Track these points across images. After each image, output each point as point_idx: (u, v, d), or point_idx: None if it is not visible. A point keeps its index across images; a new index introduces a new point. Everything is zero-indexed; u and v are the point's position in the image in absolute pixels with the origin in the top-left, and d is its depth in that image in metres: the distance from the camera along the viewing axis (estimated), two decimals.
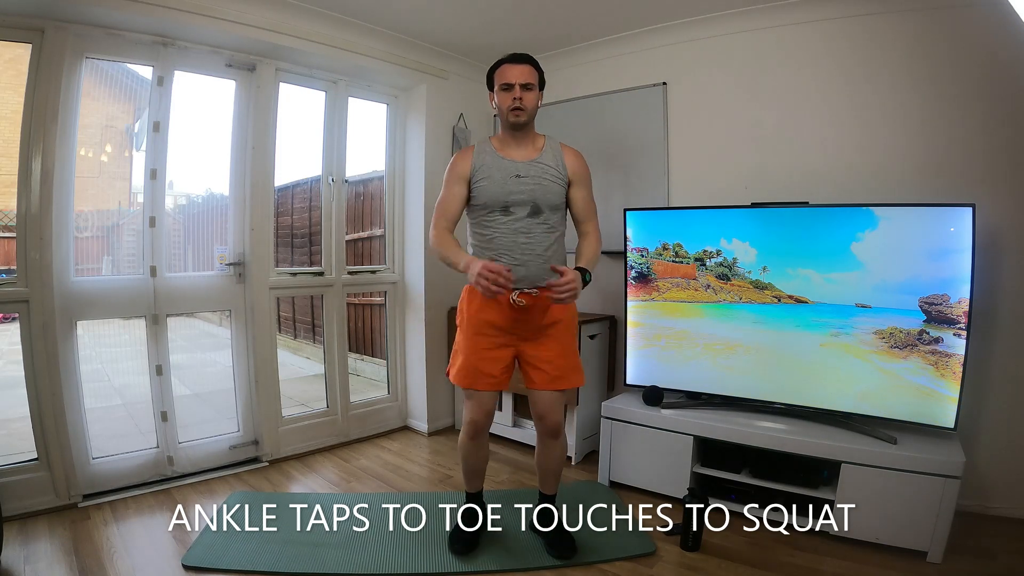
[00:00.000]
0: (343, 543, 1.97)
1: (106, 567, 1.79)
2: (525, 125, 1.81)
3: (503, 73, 1.81)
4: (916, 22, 2.22)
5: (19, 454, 2.17)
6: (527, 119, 1.80)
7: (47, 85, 2.10)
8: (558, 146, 1.89)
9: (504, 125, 1.84)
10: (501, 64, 1.83)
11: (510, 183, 1.79)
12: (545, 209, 1.81)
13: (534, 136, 1.87)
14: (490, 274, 1.56)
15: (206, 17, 2.27)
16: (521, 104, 1.77)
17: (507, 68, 1.81)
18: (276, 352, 2.83)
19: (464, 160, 1.85)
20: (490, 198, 1.79)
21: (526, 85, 1.79)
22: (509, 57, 1.83)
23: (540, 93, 1.85)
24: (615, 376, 2.98)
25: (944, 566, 1.84)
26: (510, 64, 1.81)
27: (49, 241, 2.13)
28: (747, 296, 2.36)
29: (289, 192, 3.71)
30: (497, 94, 1.83)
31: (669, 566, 1.88)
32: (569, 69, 3.15)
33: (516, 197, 1.79)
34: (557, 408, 1.89)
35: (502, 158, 1.82)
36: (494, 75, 1.84)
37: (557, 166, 1.84)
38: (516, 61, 1.81)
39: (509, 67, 1.81)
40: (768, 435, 2.15)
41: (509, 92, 1.78)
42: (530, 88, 1.80)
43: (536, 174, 1.80)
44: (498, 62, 1.85)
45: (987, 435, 2.18)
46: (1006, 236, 2.11)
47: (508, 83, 1.78)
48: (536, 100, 1.83)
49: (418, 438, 3.19)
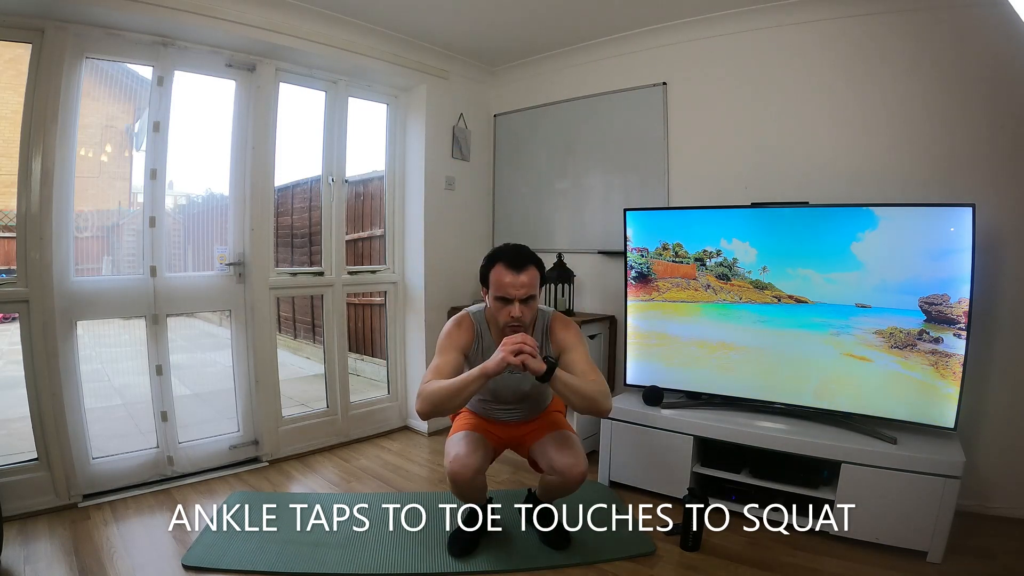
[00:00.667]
0: (343, 543, 1.97)
1: (106, 567, 1.79)
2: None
3: (500, 282, 1.61)
4: (916, 22, 2.22)
5: (19, 454, 2.17)
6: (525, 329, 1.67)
7: (47, 85, 2.10)
8: (548, 323, 1.78)
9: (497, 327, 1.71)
10: (497, 264, 1.64)
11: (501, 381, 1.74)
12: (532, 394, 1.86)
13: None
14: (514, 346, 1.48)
15: (206, 17, 2.27)
16: (519, 322, 1.62)
17: (505, 276, 1.61)
18: (276, 352, 2.83)
19: (465, 334, 1.75)
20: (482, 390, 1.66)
21: (527, 299, 1.62)
22: (509, 258, 1.63)
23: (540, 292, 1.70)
24: (615, 376, 2.98)
25: (944, 566, 1.84)
26: (509, 271, 1.61)
27: (49, 241, 2.13)
28: (747, 296, 2.36)
29: (289, 192, 3.71)
30: (492, 300, 1.66)
31: (669, 566, 1.87)
32: (569, 69, 3.15)
33: (505, 393, 1.83)
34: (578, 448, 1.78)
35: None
36: (489, 276, 1.66)
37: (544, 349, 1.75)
38: (517, 268, 1.60)
39: (508, 275, 1.61)
40: (768, 435, 2.15)
41: (507, 306, 1.62)
42: (531, 300, 1.63)
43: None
44: (494, 259, 1.65)
45: (987, 435, 2.18)
46: (1006, 236, 2.11)
47: (506, 297, 1.61)
48: (536, 309, 1.68)
49: (418, 438, 3.19)
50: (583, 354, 1.71)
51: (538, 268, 1.68)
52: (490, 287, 1.67)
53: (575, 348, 1.72)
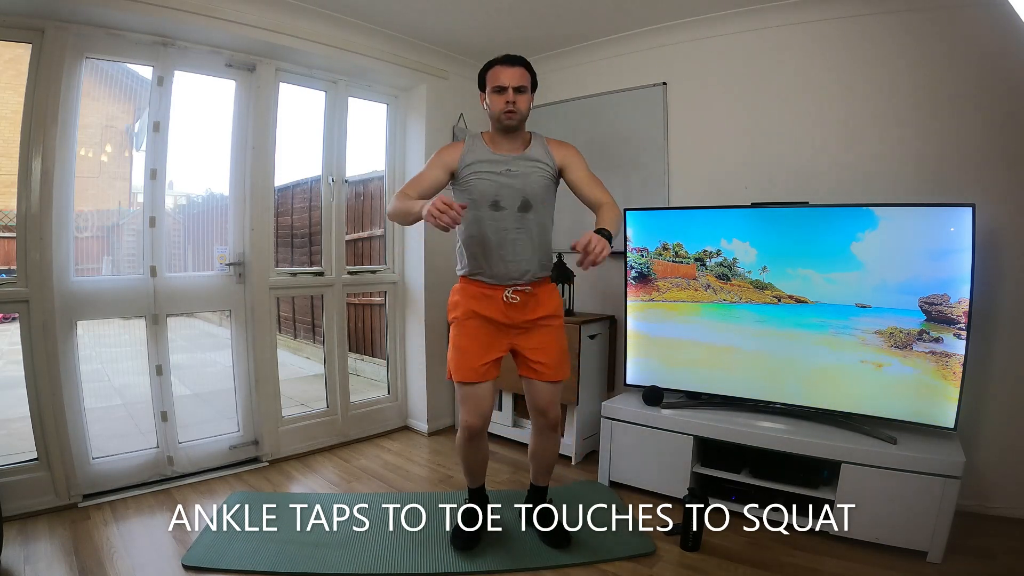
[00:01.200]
0: (343, 543, 1.97)
1: (106, 567, 1.79)
2: (517, 127, 1.82)
3: (496, 75, 1.80)
4: (916, 22, 2.22)
5: (19, 454, 2.17)
6: (519, 122, 1.81)
7: (47, 85, 2.10)
8: (544, 140, 1.90)
9: (495, 126, 1.85)
10: (493, 65, 1.82)
11: (501, 178, 1.80)
12: (535, 203, 1.82)
13: (523, 134, 1.88)
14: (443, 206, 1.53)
15: (206, 17, 2.27)
16: (514, 107, 1.77)
17: (500, 70, 1.79)
18: (276, 352, 2.83)
19: (453, 151, 1.87)
20: (481, 193, 1.79)
21: (519, 88, 1.78)
22: (502, 59, 1.81)
23: (532, 95, 1.85)
24: (615, 376, 2.98)
25: (944, 566, 1.84)
26: (503, 66, 1.80)
27: (49, 241, 2.13)
28: (747, 296, 2.36)
29: (289, 192, 3.71)
30: (489, 96, 1.81)
31: (669, 566, 1.87)
32: (569, 69, 3.15)
33: (507, 190, 1.80)
34: (557, 400, 1.92)
35: (492, 152, 1.83)
36: (486, 76, 1.83)
37: (545, 157, 1.85)
38: (509, 63, 1.80)
39: (502, 69, 1.79)
40: (768, 435, 2.15)
41: (502, 95, 1.77)
42: (523, 91, 1.80)
43: (525, 168, 1.81)
44: (490, 63, 1.83)
45: (987, 435, 2.18)
46: (1006, 236, 2.11)
47: (501, 86, 1.78)
48: (529, 102, 1.83)
49: (418, 438, 3.19)
50: (587, 169, 1.89)
51: (529, 70, 1.83)
52: (487, 86, 1.82)
53: (579, 165, 1.88)
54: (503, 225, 1.80)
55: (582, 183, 1.85)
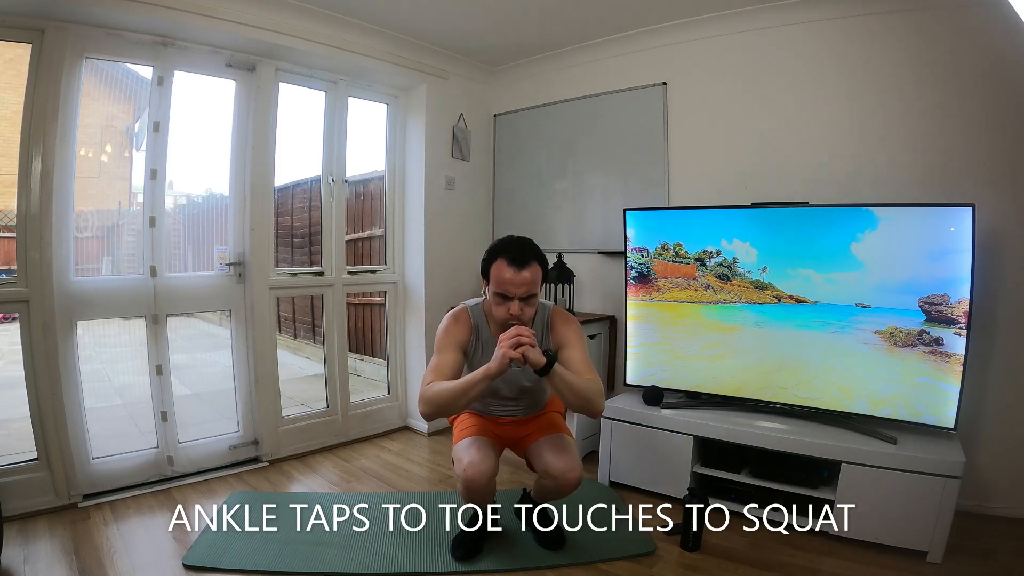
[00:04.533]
0: (343, 543, 1.97)
1: (106, 567, 1.79)
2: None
3: (500, 279, 1.58)
4: (916, 22, 2.22)
5: (19, 454, 2.17)
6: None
7: (47, 85, 2.10)
8: (549, 316, 1.76)
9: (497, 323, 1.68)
10: (499, 259, 1.59)
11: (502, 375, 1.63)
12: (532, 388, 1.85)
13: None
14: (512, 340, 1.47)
15: (206, 17, 2.27)
16: (519, 320, 1.59)
17: (506, 273, 1.57)
18: (276, 352, 2.83)
19: (462, 329, 1.73)
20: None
21: (527, 298, 1.59)
22: (512, 254, 1.58)
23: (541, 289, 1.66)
24: (615, 376, 2.98)
25: (944, 566, 1.84)
26: (512, 268, 1.57)
27: (49, 241, 2.13)
28: (747, 296, 2.36)
29: (289, 192, 3.71)
30: (491, 295, 1.63)
31: (669, 566, 1.87)
32: (569, 69, 3.15)
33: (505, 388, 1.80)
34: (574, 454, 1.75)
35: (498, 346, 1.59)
36: (490, 270, 1.62)
37: (543, 342, 1.73)
38: (519, 265, 1.56)
39: (509, 272, 1.57)
40: (768, 435, 2.15)
41: (506, 303, 1.59)
42: (532, 299, 1.60)
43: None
44: (497, 252, 1.61)
45: (987, 435, 2.18)
46: (1006, 236, 2.11)
47: (507, 295, 1.58)
48: (536, 307, 1.65)
49: (418, 438, 3.19)
50: (582, 352, 1.71)
51: (541, 265, 1.64)
52: (491, 282, 1.63)
53: (574, 345, 1.71)
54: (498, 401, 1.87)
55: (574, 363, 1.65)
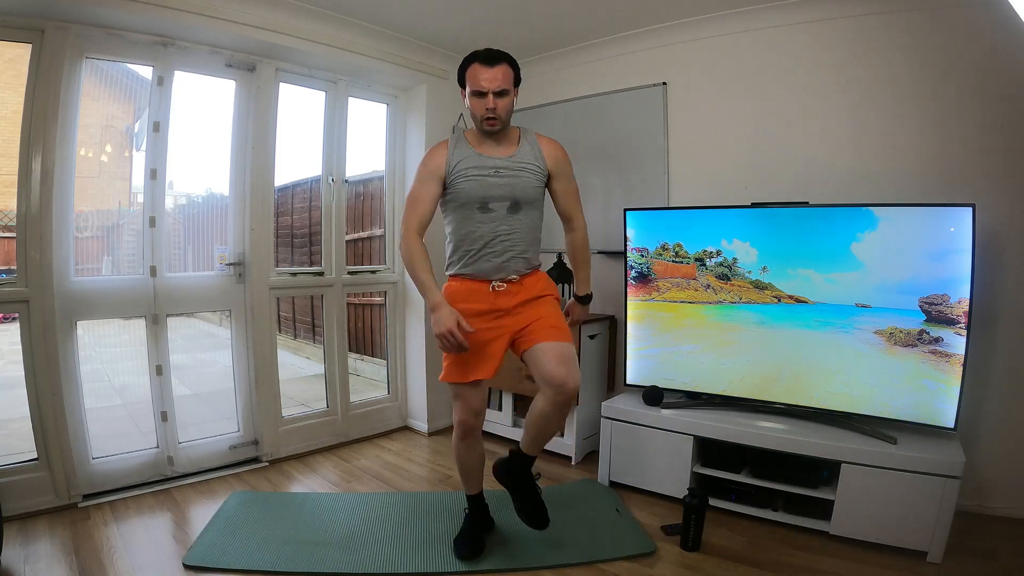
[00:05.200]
0: (343, 543, 1.97)
1: (106, 567, 1.79)
2: (500, 131, 1.74)
3: (475, 77, 1.67)
4: (916, 22, 2.22)
5: (19, 454, 2.17)
6: (501, 127, 1.72)
7: (47, 85, 2.10)
8: (534, 138, 1.81)
9: (478, 128, 1.76)
10: (472, 62, 1.69)
11: (489, 180, 1.72)
12: (524, 204, 1.76)
13: (511, 133, 1.80)
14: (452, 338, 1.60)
15: (206, 17, 2.27)
16: (495, 114, 1.67)
17: (478, 71, 1.67)
18: (276, 352, 2.83)
19: (438, 156, 1.76)
20: (468, 197, 1.73)
21: (500, 92, 1.67)
22: (483, 55, 1.68)
23: (516, 91, 1.73)
24: (615, 376, 2.98)
25: (944, 566, 1.84)
26: (482, 65, 1.67)
27: (49, 241, 2.13)
28: (747, 296, 2.36)
29: (289, 192, 3.71)
30: (469, 97, 1.71)
31: (669, 566, 1.87)
32: (569, 69, 3.15)
33: (496, 192, 1.73)
34: (573, 364, 1.71)
35: (479, 155, 1.74)
36: (465, 74, 1.71)
37: (536, 160, 1.78)
38: (489, 63, 1.67)
39: (481, 69, 1.67)
40: (768, 435, 2.15)
41: (482, 100, 1.67)
42: (504, 94, 1.68)
43: (515, 170, 1.74)
44: (469, 59, 1.70)
45: (987, 435, 2.18)
46: (1006, 236, 2.11)
47: (480, 91, 1.66)
48: (511, 104, 1.72)
49: (418, 438, 3.19)
50: (571, 184, 1.86)
51: (511, 66, 1.70)
52: (467, 85, 1.71)
53: (565, 176, 1.84)
54: (492, 226, 1.75)
55: (562, 196, 1.84)
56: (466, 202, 1.74)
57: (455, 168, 1.74)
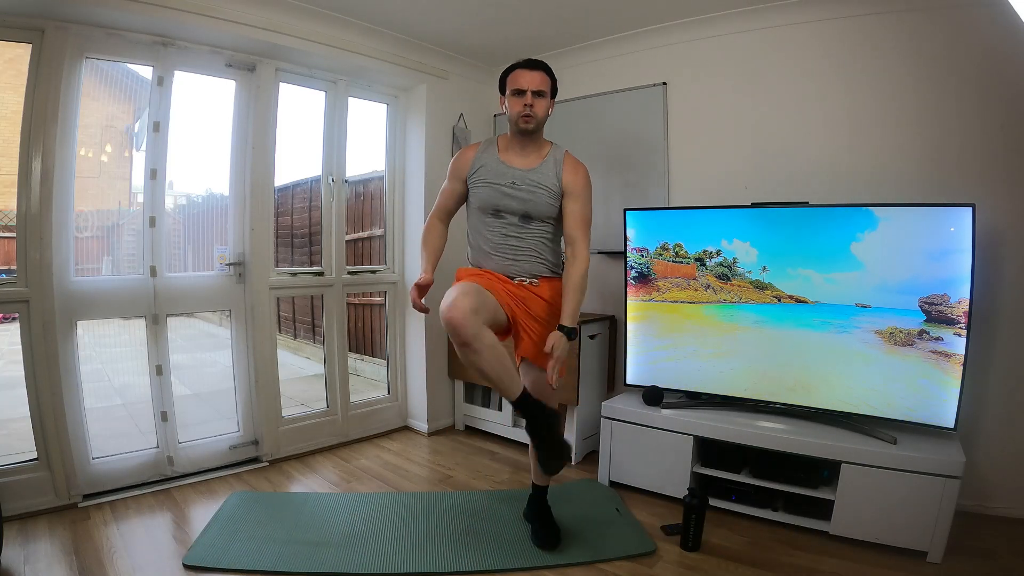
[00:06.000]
0: (343, 543, 1.97)
1: (106, 567, 1.79)
2: (534, 132, 1.83)
3: (516, 78, 1.81)
4: (916, 22, 2.22)
5: (19, 454, 2.17)
6: (536, 127, 1.82)
7: (47, 85, 2.10)
8: (561, 157, 1.86)
9: (513, 130, 1.85)
10: (515, 69, 1.83)
11: (504, 190, 1.82)
12: (537, 218, 1.83)
13: (541, 143, 1.88)
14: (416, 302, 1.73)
15: (206, 17, 2.27)
16: (531, 111, 1.78)
17: (520, 74, 1.81)
18: (276, 352, 2.83)
19: (465, 159, 1.90)
20: (483, 202, 1.85)
21: (538, 92, 1.79)
22: (524, 62, 1.83)
23: (552, 101, 1.85)
24: (615, 376, 2.98)
25: (944, 566, 1.84)
26: (524, 70, 1.81)
27: (49, 241, 2.13)
28: (747, 296, 2.36)
29: (289, 192, 3.71)
30: (508, 98, 1.83)
31: (669, 566, 1.87)
32: (569, 69, 3.15)
33: (507, 204, 1.83)
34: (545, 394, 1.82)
35: (502, 163, 1.85)
36: (506, 79, 1.84)
37: (553, 180, 1.83)
38: (530, 67, 1.81)
39: (522, 73, 1.81)
40: (768, 435, 2.15)
41: (520, 98, 1.79)
42: (542, 95, 1.80)
43: (530, 186, 1.82)
44: (512, 66, 1.84)
45: (987, 435, 2.18)
46: (1006, 236, 2.11)
47: (520, 89, 1.79)
48: (547, 108, 1.83)
49: (418, 438, 3.19)
50: (582, 207, 1.83)
51: (549, 75, 1.84)
52: (507, 88, 1.84)
53: (577, 198, 1.84)
54: (503, 232, 1.84)
55: (569, 216, 1.83)
56: (481, 206, 1.85)
57: (475, 173, 1.86)
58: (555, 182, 1.83)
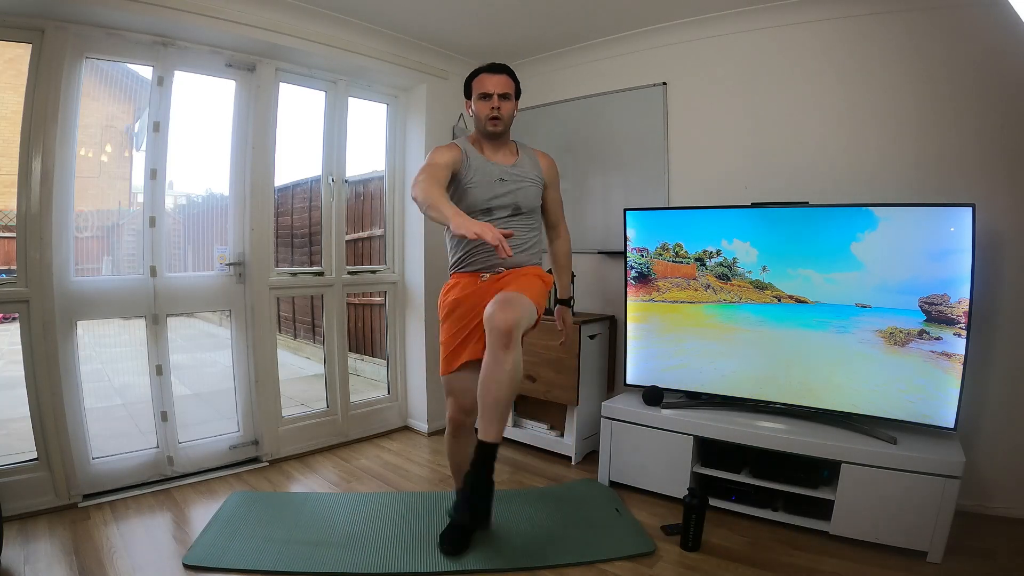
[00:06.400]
0: (343, 543, 1.97)
1: (106, 567, 1.79)
2: (502, 134, 1.91)
3: (481, 82, 1.88)
4: (916, 21, 2.22)
5: (19, 454, 2.17)
6: (504, 128, 1.89)
7: (47, 85, 2.10)
8: (532, 151, 2.00)
9: (481, 132, 1.92)
10: (479, 73, 1.90)
11: (495, 187, 1.86)
12: (525, 210, 1.91)
13: (508, 142, 1.97)
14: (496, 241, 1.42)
15: (206, 17, 2.27)
16: (499, 114, 1.85)
17: (485, 78, 1.88)
18: (276, 352, 2.83)
19: (452, 152, 1.84)
20: (474, 201, 1.85)
21: (504, 95, 1.86)
22: (487, 67, 1.90)
23: (516, 103, 1.93)
24: (615, 376, 2.98)
25: (944, 566, 1.84)
26: (488, 74, 1.88)
27: (49, 241, 2.13)
28: (747, 296, 2.36)
29: (289, 192, 3.71)
30: (475, 103, 1.89)
31: (669, 566, 1.87)
32: (569, 69, 3.15)
33: (499, 200, 1.86)
34: (511, 305, 1.61)
35: (487, 161, 1.89)
36: (472, 84, 1.91)
37: (535, 171, 1.95)
38: (494, 71, 1.88)
39: (487, 77, 1.87)
40: (768, 435, 2.15)
41: (487, 101, 1.85)
42: (507, 98, 1.88)
43: (517, 178, 1.90)
44: (476, 71, 1.91)
45: (987, 435, 2.18)
46: (1006, 236, 2.11)
47: (486, 92, 1.85)
48: (512, 109, 1.91)
49: (418, 438, 3.19)
50: (559, 194, 2.07)
51: (512, 78, 1.91)
52: (473, 92, 1.90)
53: (556, 187, 2.05)
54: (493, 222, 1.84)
55: (552, 204, 2.04)
56: (471, 205, 1.84)
57: (467, 170, 1.85)
58: (538, 173, 1.96)
